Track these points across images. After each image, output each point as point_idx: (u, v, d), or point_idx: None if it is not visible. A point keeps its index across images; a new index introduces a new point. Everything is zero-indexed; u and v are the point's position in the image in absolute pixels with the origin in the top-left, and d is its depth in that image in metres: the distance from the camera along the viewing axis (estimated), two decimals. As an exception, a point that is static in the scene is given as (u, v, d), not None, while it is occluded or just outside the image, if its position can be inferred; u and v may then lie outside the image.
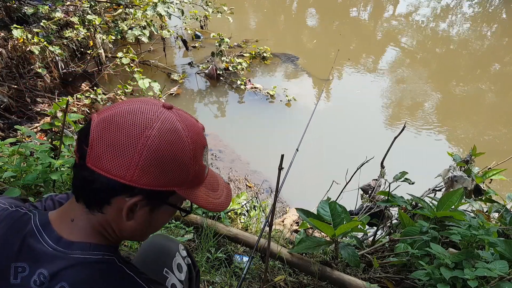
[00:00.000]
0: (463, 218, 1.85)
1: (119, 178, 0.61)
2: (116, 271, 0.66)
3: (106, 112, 0.64)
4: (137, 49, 5.76)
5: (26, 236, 0.65)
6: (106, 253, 0.66)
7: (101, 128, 0.62)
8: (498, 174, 2.37)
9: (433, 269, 1.62)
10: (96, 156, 0.61)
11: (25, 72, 4.37)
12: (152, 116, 0.63)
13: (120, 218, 0.66)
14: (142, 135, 0.61)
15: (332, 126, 4.98)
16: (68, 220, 0.67)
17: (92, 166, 0.62)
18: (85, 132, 0.64)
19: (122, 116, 0.62)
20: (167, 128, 0.63)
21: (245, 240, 2.13)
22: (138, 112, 0.63)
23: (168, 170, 0.63)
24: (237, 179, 4.02)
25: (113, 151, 0.61)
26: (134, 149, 0.60)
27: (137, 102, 0.66)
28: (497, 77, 6.77)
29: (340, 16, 9.03)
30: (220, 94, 5.59)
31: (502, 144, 4.97)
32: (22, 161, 2.02)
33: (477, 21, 9.33)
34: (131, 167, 0.61)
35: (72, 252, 0.64)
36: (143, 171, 0.61)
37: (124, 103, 0.66)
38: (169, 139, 0.63)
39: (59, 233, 0.66)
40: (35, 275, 0.63)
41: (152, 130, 0.61)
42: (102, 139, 0.61)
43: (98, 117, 0.63)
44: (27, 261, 0.63)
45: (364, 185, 2.75)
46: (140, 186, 0.62)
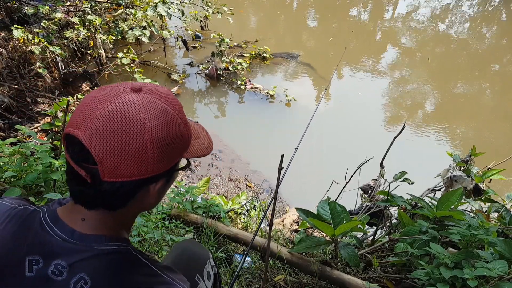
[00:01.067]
0: (462, 218, 1.86)
1: (143, 175, 0.63)
2: (132, 260, 0.68)
3: (88, 123, 0.60)
4: (137, 49, 5.76)
5: (38, 230, 0.66)
6: (121, 244, 0.68)
7: (98, 142, 0.59)
8: (498, 174, 2.37)
9: (432, 268, 1.62)
10: (112, 168, 0.60)
11: (26, 72, 4.37)
12: (138, 108, 0.62)
13: (141, 204, 0.70)
14: (144, 131, 0.61)
15: (332, 126, 4.98)
16: (78, 219, 0.68)
17: (111, 178, 0.61)
18: (80, 153, 0.61)
19: (111, 122, 0.60)
20: (157, 112, 0.63)
21: (245, 240, 2.14)
22: (122, 110, 0.61)
23: (176, 147, 0.67)
24: (237, 179, 4.03)
25: (126, 157, 0.60)
26: (145, 146, 0.61)
27: (105, 97, 0.63)
28: (497, 77, 6.77)
29: (340, 16, 9.04)
30: (220, 94, 5.59)
31: (502, 144, 4.97)
32: (22, 161, 2.02)
33: (476, 21, 9.34)
34: (149, 162, 0.63)
35: (88, 244, 0.65)
36: (160, 160, 0.64)
37: (93, 104, 0.62)
38: (166, 121, 0.64)
39: (71, 227, 0.67)
40: (51, 266, 0.64)
41: (149, 121, 0.62)
42: (108, 152, 0.60)
43: (83, 132, 0.60)
44: (40, 254, 0.64)
45: (363, 185, 2.75)
46: (162, 171, 0.66)
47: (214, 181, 3.94)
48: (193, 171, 4.07)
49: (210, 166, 4.17)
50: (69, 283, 0.64)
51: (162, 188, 0.71)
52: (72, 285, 0.64)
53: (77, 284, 0.64)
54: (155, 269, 0.69)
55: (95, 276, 0.64)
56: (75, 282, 0.64)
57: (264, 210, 2.61)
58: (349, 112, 5.41)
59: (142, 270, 0.68)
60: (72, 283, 0.64)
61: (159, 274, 0.69)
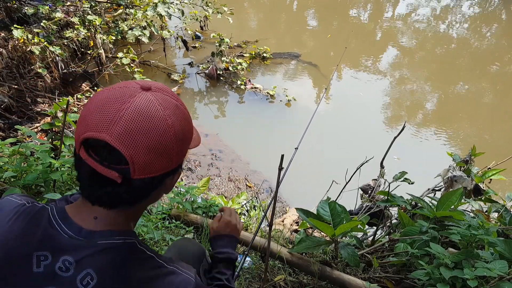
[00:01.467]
0: (462, 218, 1.86)
1: (167, 169, 0.68)
2: (138, 253, 0.69)
3: (113, 126, 0.61)
4: (137, 49, 5.76)
5: (46, 227, 0.67)
6: (127, 238, 0.69)
7: (129, 143, 0.61)
8: (498, 174, 2.37)
9: (432, 268, 1.62)
10: (143, 166, 0.63)
11: (26, 72, 4.37)
12: (158, 107, 0.65)
13: (154, 198, 0.74)
14: (168, 128, 0.65)
15: (332, 126, 4.98)
16: (90, 218, 0.69)
17: (141, 175, 0.64)
18: (109, 155, 0.62)
19: (137, 122, 0.62)
20: (173, 109, 0.67)
21: (245, 240, 2.13)
22: (144, 110, 0.64)
23: (188, 139, 0.72)
24: (237, 179, 4.03)
25: (156, 153, 0.64)
26: (171, 141, 0.66)
27: (121, 98, 0.64)
28: (497, 77, 6.77)
29: (341, 16, 9.04)
30: (220, 94, 5.59)
31: (502, 144, 4.97)
32: (22, 161, 2.02)
33: (477, 21, 9.34)
34: (173, 156, 0.68)
35: (94, 240, 0.66)
36: (179, 153, 0.69)
37: (111, 107, 0.63)
38: (181, 116, 0.69)
39: (79, 225, 0.67)
40: (59, 262, 0.64)
41: (170, 118, 0.66)
42: (140, 151, 0.62)
43: (110, 135, 0.61)
44: (49, 250, 0.65)
45: (363, 185, 2.75)
46: (179, 164, 0.72)
47: (214, 181, 3.94)
48: (193, 171, 4.07)
49: (210, 166, 4.17)
50: (75, 279, 0.64)
51: (174, 180, 0.75)
52: (79, 281, 0.64)
53: (84, 280, 0.64)
54: (160, 261, 0.70)
55: (101, 272, 0.64)
56: (81, 278, 0.64)
57: (264, 210, 2.61)
58: (349, 112, 5.40)
59: (148, 262, 0.69)
60: (79, 279, 0.64)
61: (164, 265, 0.70)
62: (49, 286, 0.64)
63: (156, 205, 2.38)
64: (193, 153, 4.35)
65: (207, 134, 4.72)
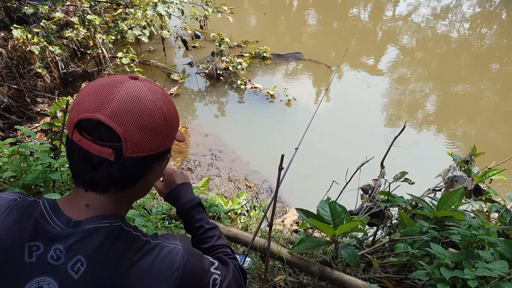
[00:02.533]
0: (463, 218, 1.85)
1: (157, 150, 0.71)
2: (125, 234, 0.70)
3: (106, 106, 0.65)
4: (137, 49, 5.76)
5: (37, 218, 0.68)
6: (113, 221, 0.70)
7: (122, 120, 0.65)
8: (498, 174, 2.37)
9: (433, 269, 1.62)
10: (135, 144, 0.66)
11: (25, 72, 4.37)
12: (146, 91, 0.69)
13: (146, 183, 0.76)
14: (157, 109, 0.69)
15: (332, 126, 4.98)
16: (82, 205, 0.70)
17: (133, 154, 0.67)
18: (103, 133, 0.65)
19: (129, 102, 0.66)
20: (160, 94, 0.72)
21: (245, 240, 2.13)
22: (134, 93, 0.68)
23: (175, 125, 0.75)
24: (237, 179, 4.02)
25: (147, 132, 0.67)
26: (160, 122, 0.69)
27: (112, 84, 0.68)
28: (497, 77, 6.77)
29: (341, 16, 9.03)
30: (220, 94, 5.59)
31: (502, 144, 4.97)
32: (22, 161, 2.02)
33: (477, 21, 9.34)
34: (163, 137, 0.71)
35: (82, 227, 0.68)
36: (168, 135, 0.72)
37: (102, 91, 0.67)
38: (168, 101, 0.73)
39: (68, 216, 0.69)
40: (51, 251, 0.66)
41: (158, 101, 0.70)
42: (132, 128, 0.65)
43: (103, 114, 0.64)
44: (40, 240, 0.66)
45: (364, 185, 2.75)
46: (167, 147, 0.75)
47: (214, 181, 3.93)
48: (193, 171, 4.07)
49: (210, 166, 4.17)
50: (66, 267, 0.65)
51: (163, 169, 0.78)
52: (70, 268, 0.65)
53: (74, 266, 0.65)
54: (146, 238, 0.72)
55: (90, 256, 0.65)
56: (72, 265, 0.65)
57: (264, 211, 2.60)
58: (349, 112, 5.40)
59: (135, 242, 0.70)
60: (70, 267, 0.65)
61: (150, 241, 0.71)
62: (42, 275, 0.65)
63: (156, 205, 2.37)
64: (193, 153, 4.35)
65: (207, 134, 4.71)
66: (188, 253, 0.74)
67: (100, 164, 0.66)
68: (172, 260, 0.70)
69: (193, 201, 1.00)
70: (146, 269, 0.67)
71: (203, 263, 0.78)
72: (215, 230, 0.98)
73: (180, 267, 0.70)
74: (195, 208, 1.00)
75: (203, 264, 0.78)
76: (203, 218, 0.99)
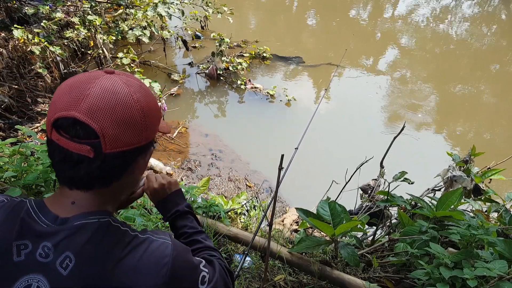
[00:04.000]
0: (462, 218, 1.86)
1: (138, 144, 0.70)
2: (113, 229, 0.70)
3: (81, 103, 0.64)
4: (137, 49, 5.77)
5: (24, 217, 0.68)
6: (100, 217, 0.70)
7: (97, 116, 0.64)
8: (498, 174, 2.37)
9: (432, 268, 1.62)
10: (113, 139, 0.65)
11: (26, 72, 4.37)
12: (122, 85, 0.68)
13: (131, 177, 0.75)
14: (134, 102, 0.68)
15: (332, 125, 4.98)
16: (68, 203, 0.70)
17: (112, 149, 0.66)
18: (79, 131, 0.65)
19: (104, 98, 0.65)
20: (137, 87, 0.71)
21: (245, 240, 2.13)
22: (109, 87, 0.67)
23: (156, 116, 0.74)
24: (237, 179, 4.03)
25: (124, 126, 0.66)
26: (137, 115, 0.68)
27: (86, 80, 0.68)
28: (497, 77, 6.77)
29: (340, 16, 9.03)
30: (220, 94, 5.59)
31: (502, 144, 4.97)
32: (23, 161, 2.02)
33: (477, 21, 9.34)
34: (142, 130, 0.70)
35: (70, 224, 0.67)
36: (148, 127, 0.71)
37: (77, 89, 0.66)
38: (146, 93, 0.72)
39: (55, 214, 0.69)
40: (39, 248, 0.65)
41: (135, 94, 0.69)
42: (108, 124, 0.65)
43: (79, 112, 0.64)
44: (28, 239, 0.66)
45: (363, 185, 2.76)
46: (149, 140, 0.73)
47: (214, 181, 3.94)
48: (193, 171, 4.08)
49: (210, 166, 4.17)
50: (55, 263, 0.65)
51: (146, 162, 0.78)
52: (59, 264, 0.65)
53: (63, 263, 0.65)
54: (134, 233, 0.71)
55: (78, 252, 0.65)
56: (61, 261, 0.65)
57: (264, 210, 2.61)
58: (349, 112, 5.41)
59: (123, 237, 0.69)
60: (58, 263, 0.65)
61: (138, 235, 0.71)
62: (31, 273, 0.65)
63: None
64: (193, 153, 4.36)
65: (207, 134, 4.72)
66: (177, 248, 0.73)
67: (80, 162, 0.66)
68: (161, 254, 0.70)
69: (176, 212, 1.00)
70: (135, 264, 0.67)
71: (192, 259, 0.78)
72: (200, 234, 0.98)
73: (169, 262, 0.70)
74: (178, 218, 1.00)
75: (193, 260, 0.78)
76: (186, 224, 0.99)
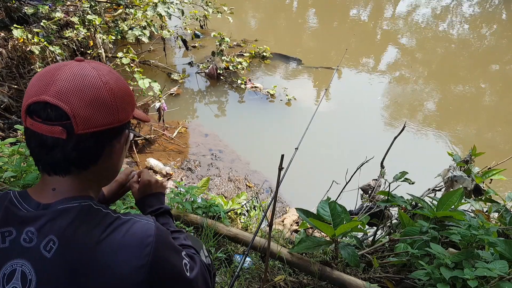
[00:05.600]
0: (463, 218, 1.85)
1: (109, 125, 0.71)
2: (94, 212, 0.71)
3: (50, 88, 0.67)
4: (137, 49, 5.76)
5: (7, 205, 0.70)
6: (82, 201, 0.71)
7: (67, 98, 0.66)
8: (498, 174, 2.37)
9: (433, 269, 1.62)
10: (83, 120, 0.67)
11: (25, 72, 4.37)
12: (91, 69, 0.71)
13: (109, 162, 0.77)
14: (103, 84, 0.70)
15: (332, 125, 4.98)
16: (49, 190, 0.72)
17: (84, 130, 0.68)
18: (51, 113, 0.66)
19: (72, 81, 0.68)
20: (107, 71, 0.73)
21: (245, 240, 2.13)
22: (78, 71, 0.69)
23: (128, 100, 0.76)
24: (237, 179, 4.02)
25: (93, 107, 0.68)
26: (106, 96, 0.70)
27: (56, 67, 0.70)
28: (497, 77, 6.77)
29: (340, 17, 9.03)
30: (220, 93, 5.59)
31: (502, 144, 4.97)
32: (22, 161, 2.02)
33: (477, 21, 9.33)
34: (113, 111, 0.71)
35: (52, 209, 0.69)
36: (119, 109, 0.72)
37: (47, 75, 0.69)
38: (115, 77, 0.74)
39: (38, 201, 0.71)
40: (23, 234, 0.67)
41: (104, 76, 0.71)
42: (78, 105, 0.66)
43: (49, 95, 0.66)
44: (12, 226, 0.68)
45: (364, 185, 2.75)
46: (123, 122, 0.75)
47: (214, 181, 3.93)
48: (193, 171, 4.07)
49: (210, 166, 4.17)
50: (39, 247, 0.66)
51: (123, 146, 0.79)
52: (43, 248, 0.66)
53: (47, 246, 0.66)
54: (115, 214, 0.72)
55: (61, 235, 0.66)
56: (44, 245, 0.66)
57: (264, 210, 2.60)
58: (349, 112, 5.40)
59: (105, 218, 0.70)
60: (42, 247, 0.66)
61: (121, 216, 0.71)
62: (16, 258, 0.66)
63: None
64: (193, 153, 4.35)
65: (207, 134, 4.72)
66: (160, 229, 0.73)
67: (55, 146, 0.68)
68: (144, 234, 0.69)
69: (160, 209, 1.00)
70: (117, 243, 0.67)
71: (175, 243, 0.78)
72: (180, 233, 0.98)
73: (153, 242, 0.69)
74: (161, 215, 1.00)
75: (175, 244, 0.78)
76: (168, 222, 1.00)
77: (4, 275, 0.66)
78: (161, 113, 4.35)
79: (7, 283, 0.65)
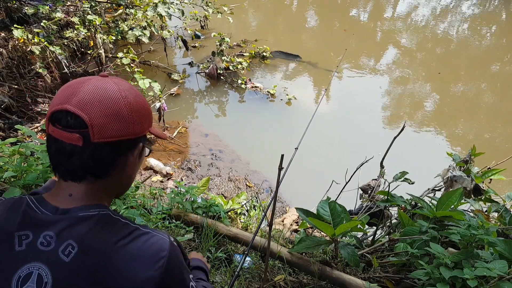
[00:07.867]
0: (462, 218, 1.86)
1: (124, 137, 0.74)
2: (113, 221, 0.74)
3: (73, 98, 0.71)
4: (137, 49, 5.76)
5: (25, 209, 0.72)
6: (101, 209, 0.74)
7: (86, 108, 0.70)
8: (498, 174, 2.37)
9: (432, 268, 1.62)
10: (101, 129, 0.71)
11: (26, 72, 4.37)
12: (112, 84, 0.75)
13: (121, 174, 0.79)
14: (121, 97, 0.74)
15: (332, 125, 4.98)
16: (66, 196, 0.74)
17: (100, 139, 0.71)
18: (70, 121, 0.70)
19: (93, 93, 0.72)
20: (127, 87, 0.77)
21: (245, 240, 2.14)
22: (99, 85, 0.74)
23: (145, 114, 0.79)
24: (237, 179, 4.03)
25: (110, 118, 0.72)
26: (124, 109, 0.74)
27: (81, 81, 0.75)
28: (497, 77, 6.77)
29: (340, 17, 9.03)
30: (220, 93, 5.59)
31: (502, 144, 4.97)
32: (22, 161, 2.02)
33: (476, 21, 9.33)
34: (129, 124, 0.74)
35: (71, 215, 0.72)
36: (135, 122, 0.76)
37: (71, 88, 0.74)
38: (135, 93, 0.78)
39: (55, 205, 0.73)
40: (40, 238, 0.69)
41: (124, 91, 0.75)
42: (96, 115, 0.70)
43: (70, 105, 0.70)
44: (29, 229, 0.70)
45: (363, 185, 2.75)
46: (138, 136, 0.78)
47: (214, 181, 3.94)
48: (193, 171, 4.07)
49: (210, 166, 4.17)
50: (57, 251, 0.68)
51: (137, 159, 0.82)
52: (61, 252, 0.68)
53: (65, 250, 0.68)
54: (134, 225, 0.75)
55: (80, 240, 0.68)
56: (63, 249, 0.68)
57: (264, 210, 2.61)
58: (349, 112, 5.41)
59: (123, 228, 0.73)
60: (61, 251, 0.68)
61: (139, 228, 0.75)
62: (32, 262, 0.68)
63: (156, 205, 2.38)
64: (193, 153, 4.36)
65: (207, 134, 4.72)
66: (174, 246, 0.76)
67: (73, 153, 0.71)
68: (160, 248, 0.73)
69: (203, 268, 1.08)
70: (134, 252, 0.70)
71: (185, 263, 0.81)
72: (206, 279, 1.05)
73: (166, 256, 0.73)
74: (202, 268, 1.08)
75: (185, 264, 0.81)
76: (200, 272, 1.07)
77: (20, 277, 0.67)
78: (161, 113, 4.35)
79: (22, 285, 0.67)
